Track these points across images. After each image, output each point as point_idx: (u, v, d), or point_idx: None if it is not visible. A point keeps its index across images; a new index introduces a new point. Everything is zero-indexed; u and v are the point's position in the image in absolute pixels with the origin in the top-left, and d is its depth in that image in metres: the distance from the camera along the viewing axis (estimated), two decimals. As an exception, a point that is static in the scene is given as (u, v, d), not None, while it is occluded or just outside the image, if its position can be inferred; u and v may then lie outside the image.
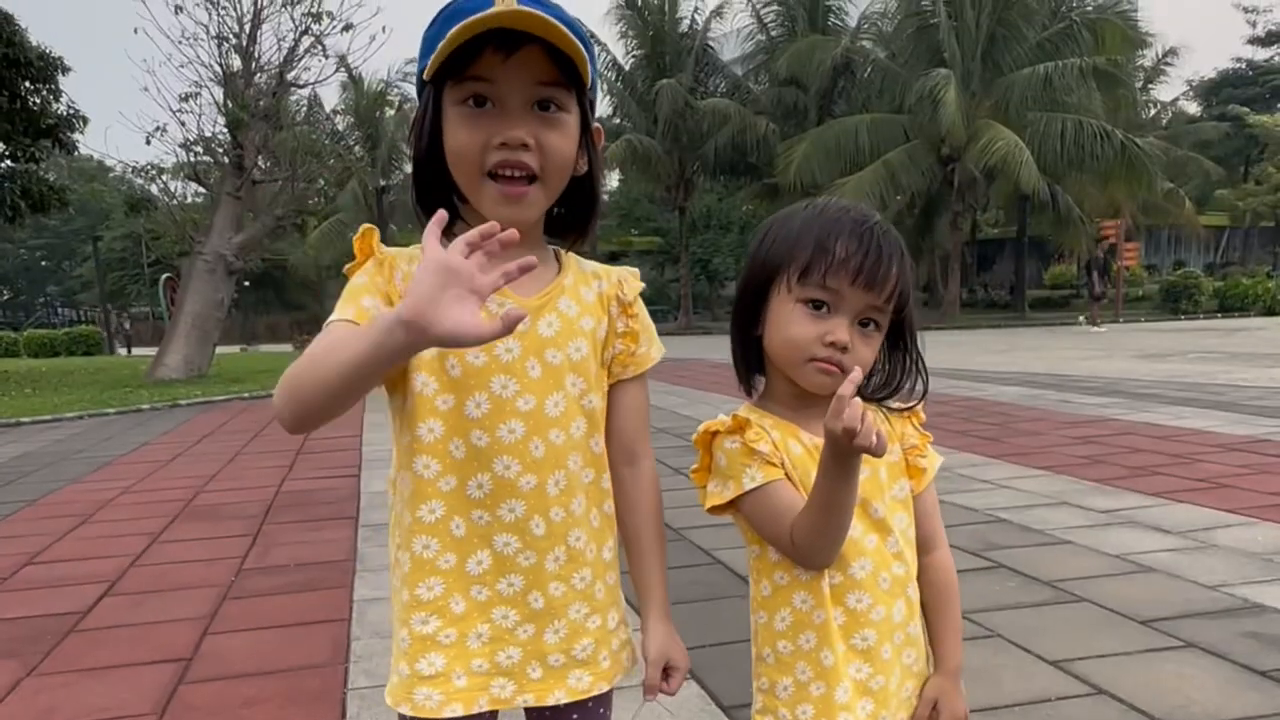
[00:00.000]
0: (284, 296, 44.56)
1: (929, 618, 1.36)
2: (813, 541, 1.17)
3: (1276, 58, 56.32)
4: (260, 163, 16.00)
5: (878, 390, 1.31)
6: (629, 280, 1.37)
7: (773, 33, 31.81)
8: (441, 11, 1.17)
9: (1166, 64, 37.28)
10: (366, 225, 1.30)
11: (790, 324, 1.22)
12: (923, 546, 1.35)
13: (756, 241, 1.29)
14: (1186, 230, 37.85)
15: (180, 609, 3.84)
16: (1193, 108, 47.67)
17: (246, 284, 34.60)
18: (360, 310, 1.16)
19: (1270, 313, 26.63)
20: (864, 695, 1.26)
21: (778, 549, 1.25)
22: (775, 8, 31.73)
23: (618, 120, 33.02)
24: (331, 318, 1.16)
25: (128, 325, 37.55)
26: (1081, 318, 21.30)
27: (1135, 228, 34.24)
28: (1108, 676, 2.80)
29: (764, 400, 1.32)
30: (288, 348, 28.55)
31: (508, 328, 0.94)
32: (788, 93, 30.18)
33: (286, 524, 5.33)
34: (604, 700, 1.37)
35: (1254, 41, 57.24)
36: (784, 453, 1.24)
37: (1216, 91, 52.52)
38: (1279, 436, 6.73)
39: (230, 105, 14.61)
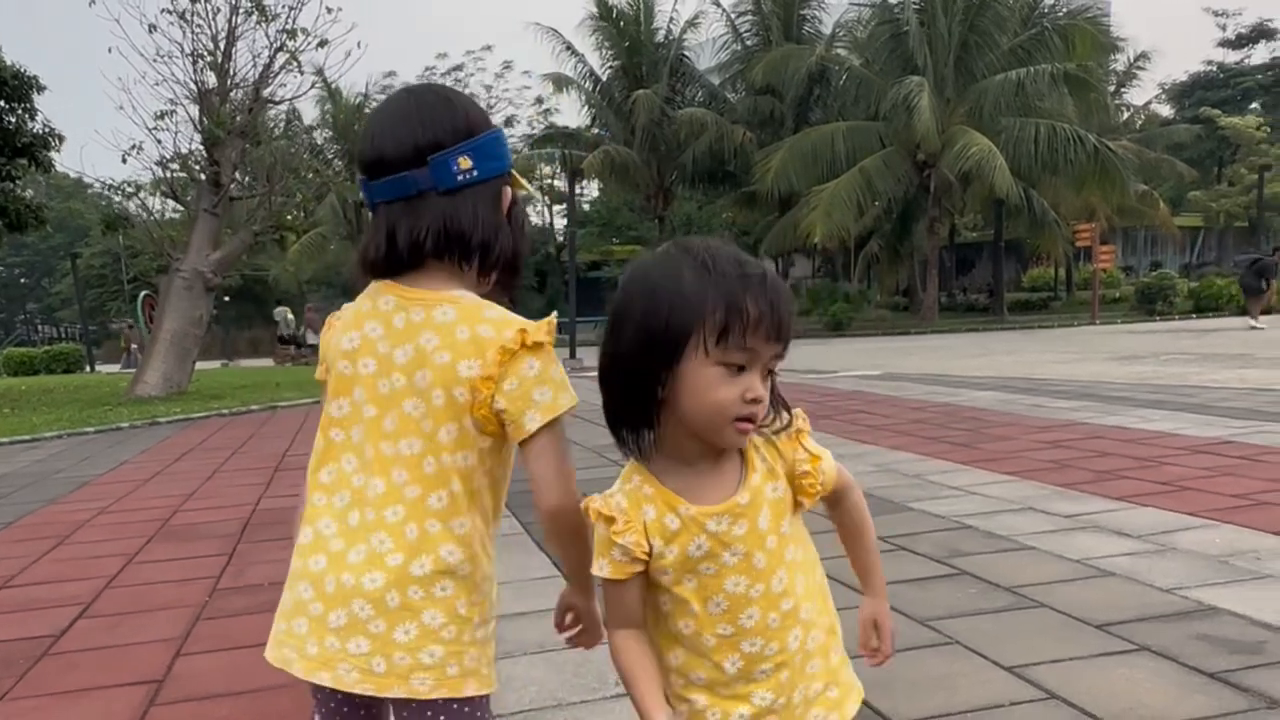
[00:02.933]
0: (265, 310, 44.40)
1: (851, 553, 1.50)
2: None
3: (1247, 60, 57.00)
4: (238, 177, 15.99)
5: (768, 424, 1.35)
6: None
7: (748, 42, 32.04)
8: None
9: (1138, 68, 37.72)
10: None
11: (710, 388, 1.24)
12: (834, 502, 1.44)
13: (638, 302, 1.29)
14: (1162, 232, 38.29)
15: (154, 630, 3.86)
16: (1165, 110, 48.21)
17: (227, 298, 34.52)
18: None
19: (1244, 312, 26.93)
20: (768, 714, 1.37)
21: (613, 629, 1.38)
22: (750, 17, 31.97)
23: (595, 130, 33.16)
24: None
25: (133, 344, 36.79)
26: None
27: (1110, 230, 34.57)
28: (1062, 681, 2.87)
29: (657, 459, 1.34)
30: (268, 362, 28.44)
31: None
32: (764, 101, 30.39)
33: (263, 542, 5.35)
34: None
35: (1224, 44, 57.98)
36: (655, 534, 1.30)
37: (1188, 94, 53.12)
38: (1243, 438, 6.84)
39: (206, 122, 14.61)
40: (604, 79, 32.37)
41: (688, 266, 1.26)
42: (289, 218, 18.98)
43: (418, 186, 1.43)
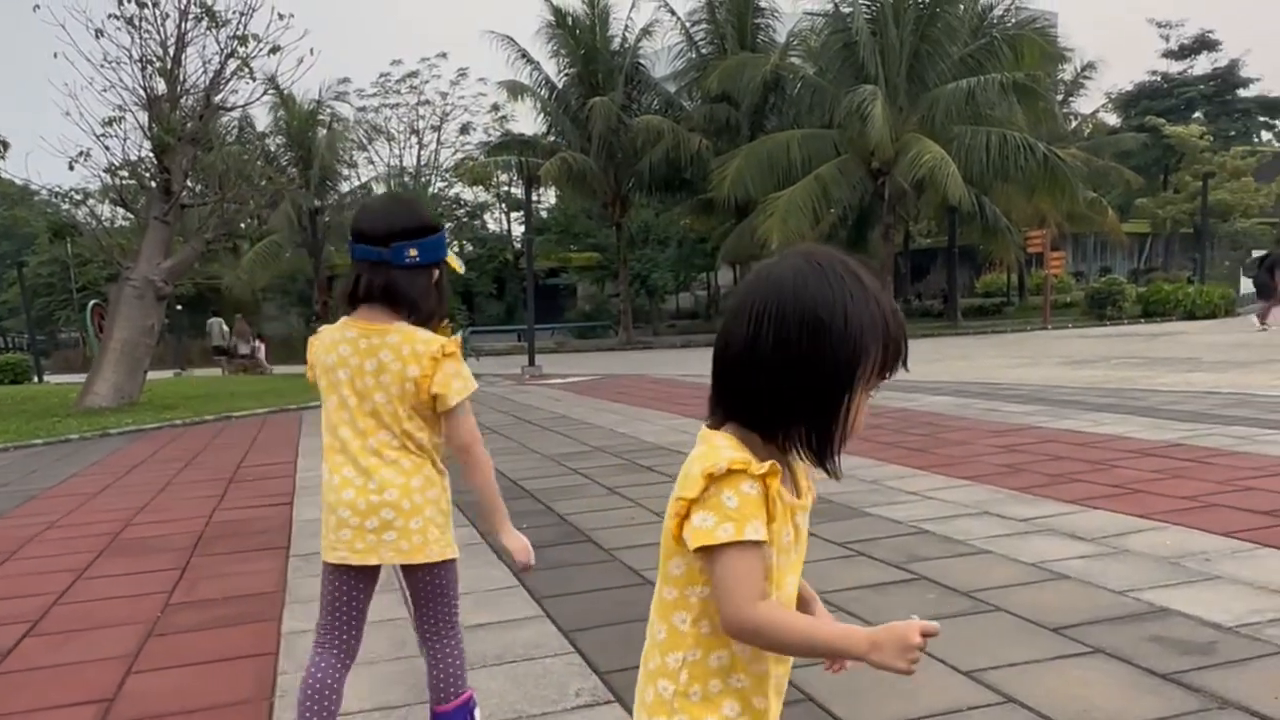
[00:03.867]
0: (236, 317, 43.78)
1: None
2: (767, 645, 1.26)
3: (1189, 71, 58.31)
4: (189, 185, 15.75)
5: None
6: None
7: (703, 50, 32.12)
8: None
9: (1085, 77, 38.37)
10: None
11: (861, 410, 1.30)
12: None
13: (811, 316, 1.24)
14: (1111, 238, 38.97)
15: (104, 648, 3.79)
16: (1112, 119, 49.11)
17: (179, 307, 33.95)
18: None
19: (1190, 317, 27.48)
20: None
21: (726, 605, 1.23)
22: (705, 26, 32.05)
23: (552, 138, 33.07)
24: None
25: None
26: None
27: (1061, 236, 35.14)
28: (1018, 685, 2.90)
29: (767, 446, 1.30)
30: (218, 372, 28.01)
31: None
32: (719, 109, 30.48)
33: (216, 556, 5.27)
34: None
35: (1168, 55, 59.21)
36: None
37: (1134, 103, 54.16)
38: (1191, 441, 6.98)
39: (156, 129, 14.37)
40: (560, 86, 32.31)
41: (859, 293, 1.26)
42: (242, 225, 18.75)
43: (381, 258, 2.27)
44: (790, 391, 1.25)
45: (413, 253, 2.26)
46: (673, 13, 31.77)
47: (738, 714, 1.30)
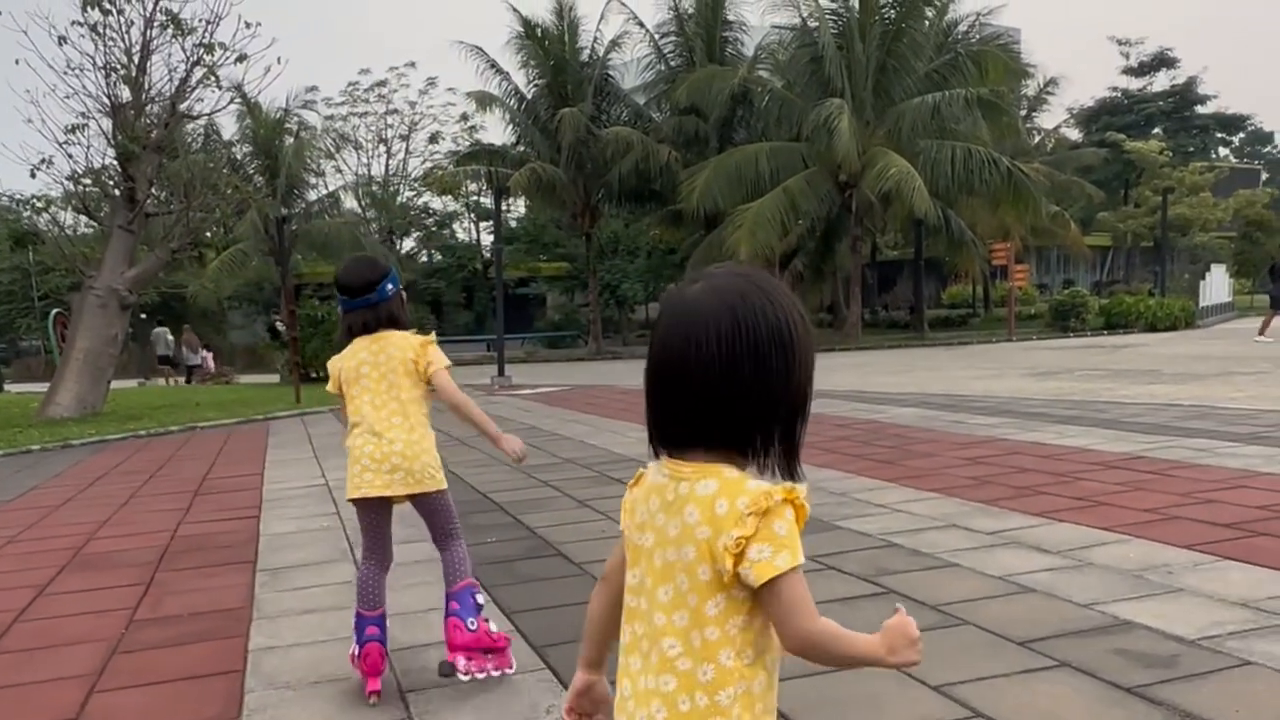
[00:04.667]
0: (183, 328, 43.27)
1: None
2: (821, 657, 1.28)
3: (1149, 87, 59.35)
4: (154, 193, 15.58)
5: None
6: None
7: (672, 63, 32.24)
8: None
9: (1048, 93, 38.94)
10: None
11: None
12: None
13: (789, 335, 1.31)
14: (1073, 251, 39.53)
15: (67, 666, 3.73)
16: (1074, 134, 49.85)
17: (143, 316, 33.51)
18: None
19: (1152, 329, 27.91)
20: None
21: (794, 624, 1.26)
22: (673, 38, 32.18)
23: (521, 148, 33.02)
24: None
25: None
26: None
27: (1025, 249, 35.58)
28: (986, 699, 2.93)
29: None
30: (182, 380, 27.70)
31: None
32: (688, 121, 30.60)
33: (182, 571, 5.21)
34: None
35: (1128, 72, 60.29)
36: None
37: (1095, 119, 55.06)
38: (1153, 453, 7.09)
39: (120, 137, 14.20)
40: (529, 97, 32.25)
41: (795, 306, 1.35)
42: (208, 234, 18.56)
43: (370, 302, 3.29)
44: (770, 406, 1.29)
45: (389, 287, 3.33)
46: (641, 25, 31.88)
47: None
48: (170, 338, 28.77)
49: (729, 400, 1.28)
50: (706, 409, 1.29)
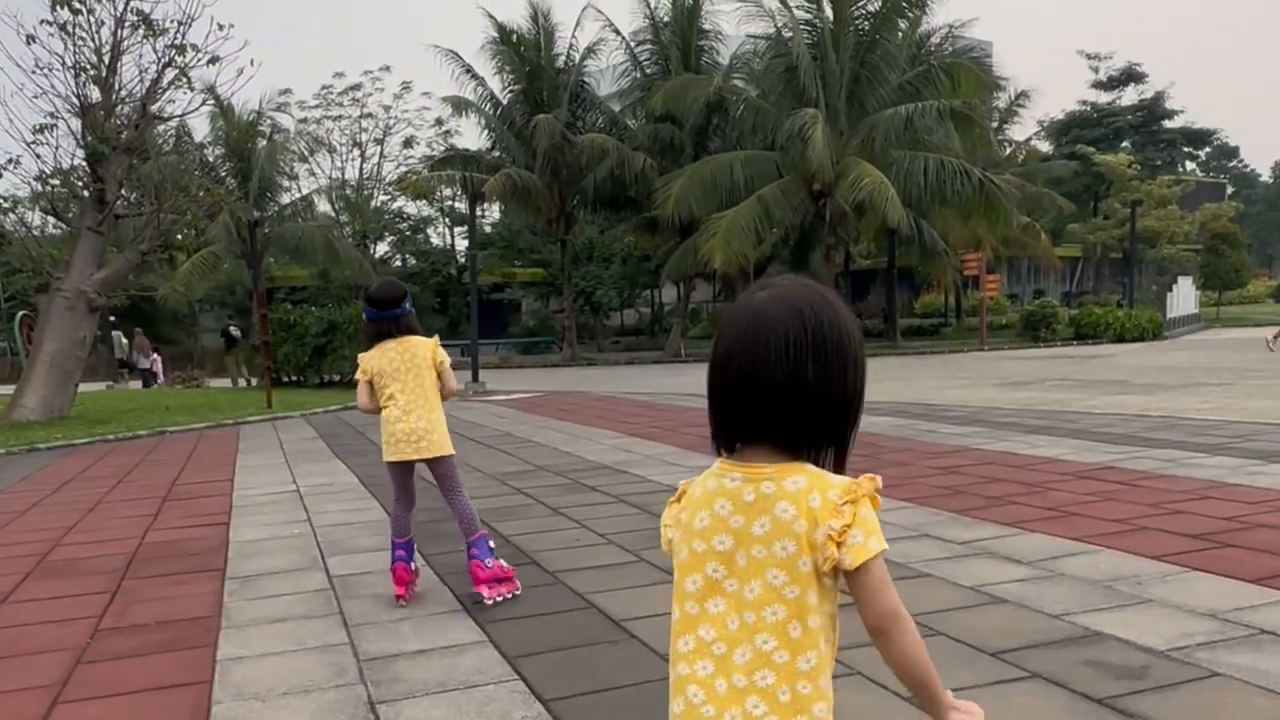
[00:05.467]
0: (153, 330, 42.79)
1: None
2: (896, 644, 1.38)
3: (1117, 101, 60.12)
4: (124, 194, 15.40)
5: None
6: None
7: (647, 70, 32.27)
8: None
9: (1019, 106, 39.28)
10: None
11: None
12: None
13: (849, 343, 1.39)
14: (1044, 262, 39.92)
15: (30, 676, 3.66)
16: (1045, 147, 50.36)
17: (112, 318, 33.09)
18: None
19: (1120, 339, 28.24)
20: None
21: (882, 601, 1.36)
22: (649, 46, 32.21)
23: (496, 153, 32.95)
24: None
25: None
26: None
27: (996, 259, 35.89)
28: (959, 709, 2.94)
29: None
30: (138, 384, 27.37)
31: None
32: (664, 129, 30.63)
33: (149, 578, 5.14)
34: None
35: (1097, 85, 61.08)
36: None
37: (1065, 132, 55.68)
38: (1122, 463, 7.16)
39: (89, 138, 14.03)
40: (504, 102, 32.18)
41: (851, 316, 1.44)
42: (179, 236, 18.36)
43: (393, 315, 4.41)
44: (830, 409, 1.37)
45: (407, 305, 4.51)
46: (617, 32, 31.91)
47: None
48: (125, 341, 28.47)
49: (793, 402, 1.35)
50: (773, 410, 1.35)
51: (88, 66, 14.22)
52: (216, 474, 8.94)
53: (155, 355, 28.54)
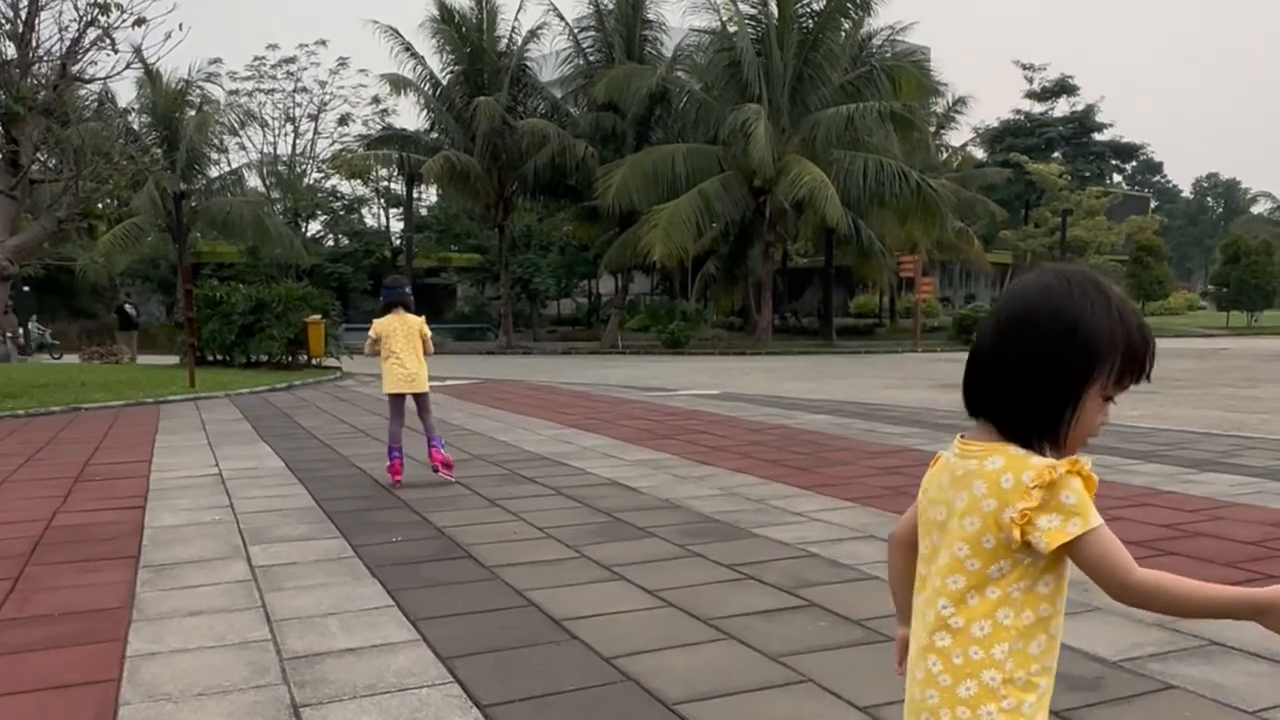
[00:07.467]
0: (72, 303, 41.29)
1: None
2: (1163, 606, 1.34)
3: (1050, 111, 61.46)
4: (40, 159, 14.73)
5: None
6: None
7: (591, 58, 32.00)
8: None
9: (956, 111, 39.94)
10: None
11: (1094, 415, 1.39)
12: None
13: (1053, 325, 1.35)
14: (976, 267, 40.64)
15: (-82, 671, 3.37)
16: (979, 153, 51.23)
17: (26, 289, 31.84)
18: None
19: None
20: None
21: (1110, 580, 1.33)
22: (593, 34, 31.94)
23: (435, 135, 32.40)
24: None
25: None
26: None
27: (930, 263, 36.41)
28: (916, 721, 2.83)
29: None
30: (74, 358, 26.37)
31: None
32: (606, 118, 30.41)
33: (55, 565, 4.82)
34: None
35: (1031, 96, 62.39)
36: None
37: (1000, 140, 56.74)
38: (1060, 468, 7.17)
39: (3, 96, 13.36)
40: (444, 83, 31.59)
41: (1101, 306, 1.37)
42: (100, 205, 17.66)
43: (402, 296, 7.07)
44: (1027, 390, 1.37)
45: (408, 290, 7.11)
46: (561, 18, 31.59)
47: (1045, 691, 1.41)
48: None
49: (994, 380, 1.39)
50: (981, 387, 1.41)
51: (2, 21, 13.56)
52: (133, 455, 8.55)
53: (17, 331, 27.62)
